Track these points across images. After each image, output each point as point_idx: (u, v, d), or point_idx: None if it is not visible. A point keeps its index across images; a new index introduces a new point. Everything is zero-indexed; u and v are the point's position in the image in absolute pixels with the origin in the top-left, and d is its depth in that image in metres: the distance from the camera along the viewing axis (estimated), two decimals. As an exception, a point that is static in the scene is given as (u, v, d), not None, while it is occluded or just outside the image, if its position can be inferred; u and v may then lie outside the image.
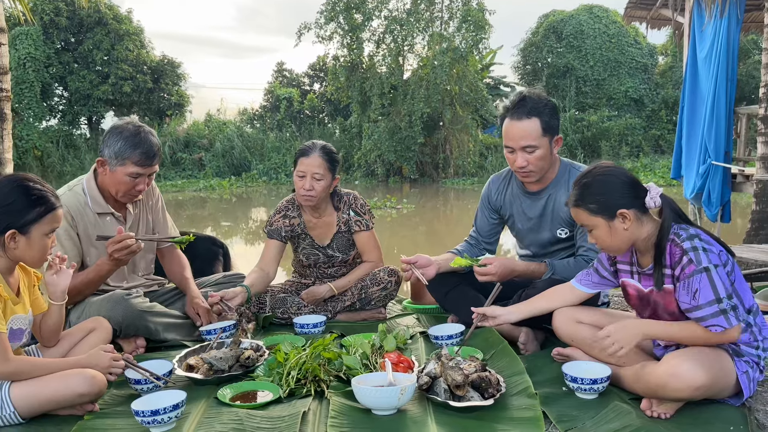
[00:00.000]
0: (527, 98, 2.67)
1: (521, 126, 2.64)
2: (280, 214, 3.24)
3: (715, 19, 5.91)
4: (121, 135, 2.74)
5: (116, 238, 2.57)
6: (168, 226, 3.12)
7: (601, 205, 2.05)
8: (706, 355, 1.93)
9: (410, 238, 10.72)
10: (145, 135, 2.76)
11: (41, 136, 20.13)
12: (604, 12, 23.03)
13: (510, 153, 2.72)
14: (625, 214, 2.03)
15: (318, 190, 3.03)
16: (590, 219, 2.08)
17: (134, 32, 22.25)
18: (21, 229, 2.03)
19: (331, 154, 3.09)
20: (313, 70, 26.86)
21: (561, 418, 1.99)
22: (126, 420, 2.01)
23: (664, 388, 1.89)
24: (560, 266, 2.74)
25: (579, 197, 2.09)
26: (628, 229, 2.04)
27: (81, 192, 2.82)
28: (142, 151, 2.72)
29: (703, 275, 1.90)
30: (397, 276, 3.20)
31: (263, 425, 1.95)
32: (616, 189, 2.05)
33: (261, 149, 22.40)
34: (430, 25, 19.75)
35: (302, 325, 2.94)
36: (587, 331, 2.29)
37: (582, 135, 20.96)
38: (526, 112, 2.64)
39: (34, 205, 2.04)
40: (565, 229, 2.81)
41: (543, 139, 2.65)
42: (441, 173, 19.97)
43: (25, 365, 2.03)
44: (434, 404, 2.08)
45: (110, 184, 2.79)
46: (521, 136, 2.65)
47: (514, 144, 2.68)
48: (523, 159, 2.67)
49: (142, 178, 2.77)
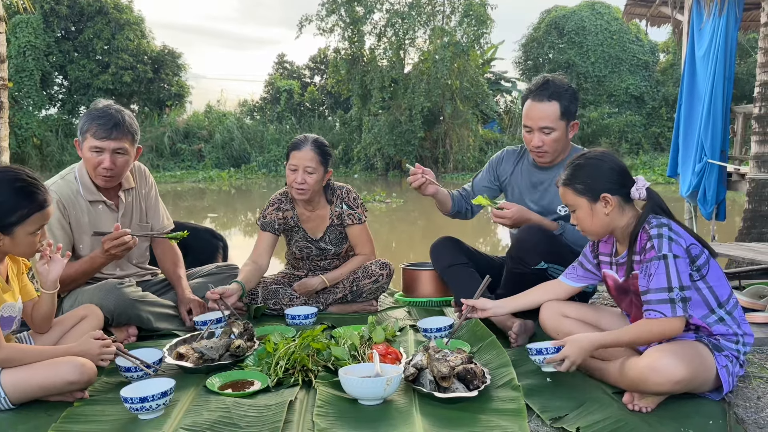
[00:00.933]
0: (550, 82, 2.79)
1: (541, 107, 2.77)
2: (274, 206, 3.26)
3: (713, 18, 5.90)
4: (88, 112, 2.76)
5: (113, 235, 2.57)
6: (161, 215, 3.10)
7: (587, 187, 2.12)
8: (686, 350, 1.95)
9: (408, 233, 10.74)
10: (107, 109, 2.73)
11: (40, 124, 20.14)
12: (606, 8, 22.98)
13: (527, 132, 2.85)
14: (607, 198, 2.09)
15: (310, 183, 3.05)
16: (575, 199, 2.15)
17: (135, 22, 22.22)
18: (4, 229, 2.02)
19: (323, 147, 3.10)
20: (314, 62, 26.82)
21: (544, 409, 2.02)
22: (115, 407, 2.04)
23: (645, 382, 1.92)
24: (571, 229, 2.77)
25: (568, 177, 2.18)
26: (608, 214, 2.11)
27: (73, 180, 2.82)
28: (99, 123, 2.69)
29: (661, 262, 1.96)
30: (389, 269, 3.22)
31: (250, 413, 1.98)
32: (604, 173, 2.12)
33: (261, 141, 22.39)
34: (432, 19, 19.72)
35: (293, 317, 2.97)
36: (573, 325, 2.33)
37: (582, 131, 20.94)
38: (548, 95, 2.76)
39: (19, 207, 2.02)
40: (565, 207, 2.83)
41: (560, 123, 2.77)
42: (441, 168, 19.97)
43: (16, 352, 2.05)
44: (420, 395, 2.11)
45: (86, 166, 2.78)
46: (540, 117, 2.77)
47: (532, 124, 2.80)
48: (539, 139, 2.79)
49: (106, 153, 2.71)
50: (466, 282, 2.90)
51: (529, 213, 2.84)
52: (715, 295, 2.04)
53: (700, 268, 2.02)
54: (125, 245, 2.60)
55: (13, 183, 2.03)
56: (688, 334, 2.07)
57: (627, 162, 18.62)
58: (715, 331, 2.04)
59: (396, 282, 3.51)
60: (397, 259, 3.99)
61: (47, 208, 2.10)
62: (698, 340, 2.03)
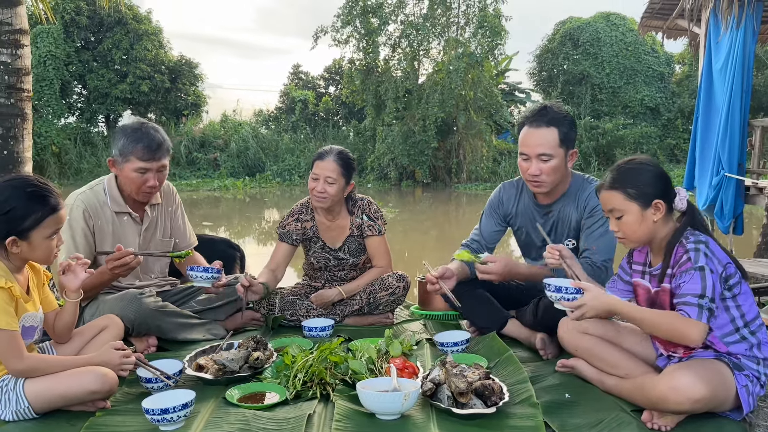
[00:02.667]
0: (548, 108, 2.70)
1: (539, 134, 2.67)
2: (293, 217, 3.30)
3: (731, 30, 5.89)
4: (124, 132, 2.81)
5: (114, 255, 2.60)
6: (187, 234, 3.19)
7: (640, 192, 2.08)
8: (706, 368, 1.95)
9: (421, 242, 10.74)
10: (146, 129, 2.81)
11: (59, 133, 20.40)
12: (621, 20, 22.92)
13: (524, 161, 2.73)
14: (659, 205, 2.07)
15: (330, 193, 3.10)
16: (624, 204, 2.10)
17: (153, 32, 22.50)
18: (20, 235, 2.06)
19: (346, 159, 3.14)
20: (329, 72, 26.99)
21: (563, 427, 2.01)
22: (136, 418, 2.06)
23: (665, 401, 1.92)
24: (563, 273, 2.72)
25: (618, 180, 2.11)
26: (657, 221, 2.08)
27: (101, 191, 2.88)
28: (144, 145, 2.77)
29: (696, 273, 1.95)
30: (406, 281, 3.23)
31: (269, 426, 2.00)
32: (656, 179, 2.10)
33: (275, 150, 22.52)
34: (446, 30, 19.78)
35: (310, 329, 2.98)
36: (592, 342, 2.32)
37: (597, 143, 20.86)
38: (546, 121, 2.67)
39: (32, 211, 2.05)
40: (572, 240, 2.83)
41: (559, 150, 2.67)
42: (454, 178, 19.96)
43: (39, 362, 2.09)
44: (437, 410, 2.11)
45: (124, 183, 2.85)
46: (538, 144, 2.67)
47: (529, 151, 2.69)
48: (537, 167, 2.68)
49: (150, 173, 2.80)
50: (474, 306, 2.89)
51: (516, 265, 2.76)
52: (742, 314, 2.03)
53: (732, 287, 2.01)
54: (127, 265, 2.62)
55: (24, 188, 2.07)
56: (707, 353, 2.06)
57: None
58: (733, 350, 2.03)
59: (410, 294, 3.52)
60: (410, 270, 4.00)
61: (60, 212, 2.13)
62: (718, 359, 2.02)
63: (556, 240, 2.81)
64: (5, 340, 1.99)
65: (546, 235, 2.55)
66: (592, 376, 2.31)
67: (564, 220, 2.83)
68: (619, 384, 2.18)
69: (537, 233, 2.83)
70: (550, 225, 2.85)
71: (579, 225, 2.80)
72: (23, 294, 2.12)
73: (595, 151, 20.72)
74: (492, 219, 3.03)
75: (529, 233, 2.95)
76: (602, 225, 2.70)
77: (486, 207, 3.07)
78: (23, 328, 2.10)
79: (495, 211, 3.03)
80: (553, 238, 2.82)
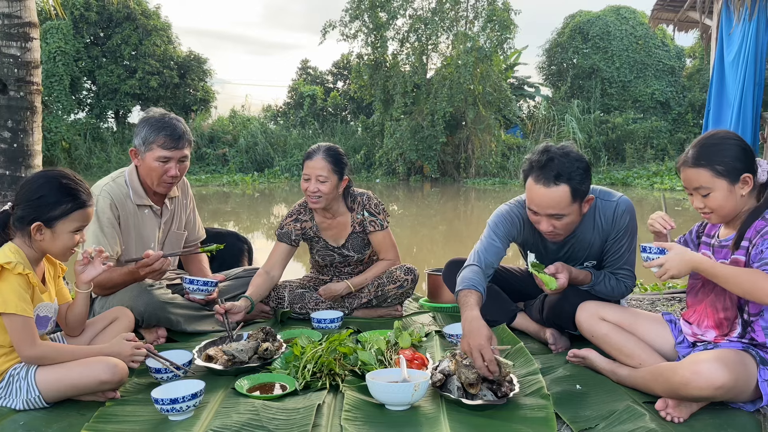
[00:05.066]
0: (555, 160, 2.32)
1: (548, 194, 2.33)
2: (292, 218, 3.28)
3: (743, 22, 5.82)
4: (147, 122, 2.83)
5: (145, 262, 2.63)
6: (196, 227, 3.23)
7: (728, 167, 2.02)
8: (730, 357, 1.93)
9: (429, 237, 10.72)
10: (169, 119, 2.84)
11: (69, 128, 20.50)
12: (632, 13, 22.73)
13: (534, 215, 2.44)
14: (747, 178, 2.03)
15: (324, 191, 3.06)
16: (712, 180, 2.04)
17: (162, 28, 22.54)
18: (47, 222, 2.09)
19: (335, 156, 3.09)
20: (337, 68, 26.95)
21: (574, 418, 2.00)
22: (146, 407, 2.07)
23: (686, 386, 1.89)
24: (600, 284, 2.61)
25: (703, 157, 2.05)
26: (744, 195, 2.04)
27: (123, 183, 2.89)
28: (167, 134, 2.79)
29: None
30: (414, 274, 3.22)
31: (279, 416, 1.99)
32: (740, 154, 2.04)
33: (284, 146, 22.54)
34: (455, 25, 19.68)
35: (319, 320, 2.98)
36: (608, 329, 2.32)
37: (606, 137, 20.71)
38: (554, 177, 2.31)
39: (62, 202, 2.10)
40: (592, 261, 2.68)
41: (572, 206, 2.37)
42: (462, 173, 19.90)
43: (51, 351, 2.10)
44: (447, 401, 2.10)
45: (145, 173, 2.86)
46: (548, 205, 2.35)
47: (539, 210, 2.39)
48: (548, 224, 2.41)
49: (172, 162, 2.82)
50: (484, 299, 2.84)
51: (570, 268, 2.54)
52: None
53: None
54: (158, 271, 2.66)
55: (59, 180, 2.12)
56: (736, 344, 2.05)
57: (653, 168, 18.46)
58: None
59: (419, 287, 3.51)
60: (419, 264, 3.98)
61: (88, 209, 2.17)
62: (745, 350, 2.01)
63: (571, 263, 2.63)
64: (19, 325, 2.02)
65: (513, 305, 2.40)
66: (604, 367, 2.30)
67: (582, 245, 2.63)
68: (633, 374, 2.17)
69: (547, 254, 2.68)
70: (564, 253, 2.67)
71: (602, 248, 2.63)
72: (39, 284, 2.14)
73: (605, 146, 20.59)
74: (497, 244, 2.60)
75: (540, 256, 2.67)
76: (628, 247, 2.59)
77: (488, 232, 2.65)
78: (37, 317, 2.13)
79: (499, 235, 2.62)
80: (566, 261, 2.63)
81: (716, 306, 2.15)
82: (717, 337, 2.14)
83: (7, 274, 2.02)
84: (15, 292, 2.01)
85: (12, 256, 2.05)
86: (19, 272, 2.03)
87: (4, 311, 2.00)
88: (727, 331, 2.11)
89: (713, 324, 2.16)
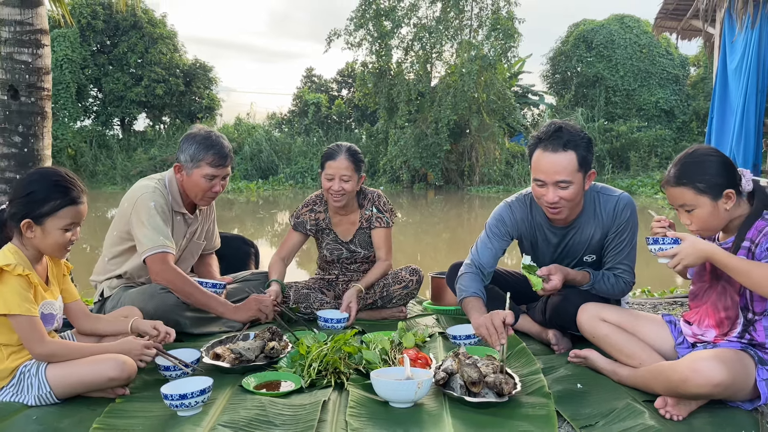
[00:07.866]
0: (563, 129, 2.47)
1: (557, 159, 2.44)
2: (307, 207, 3.35)
3: (746, 30, 5.86)
4: (194, 139, 2.91)
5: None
6: (214, 237, 3.32)
7: (708, 184, 2.05)
8: (729, 355, 1.97)
9: (433, 245, 10.76)
10: (216, 137, 2.93)
11: (75, 135, 20.64)
12: (635, 22, 22.80)
13: (540, 186, 2.51)
14: (730, 194, 2.06)
15: (347, 190, 3.15)
16: (695, 198, 2.07)
17: (168, 36, 22.72)
18: (36, 219, 2.10)
19: (356, 155, 3.19)
20: (342, 76, 27.08)
21: (575, 416, 2.03)
22: (155, 404, 2.11)
23: (685, 384, 1.92)
24: (599, 282, 2.66)
25: (684, 176, 2.08)
26: (729, 209, 2.08)
27: (163, 188, 2.95)
28: (215, 152, 2.88)
29: None
30: (419, 275, 3.27)
31: (285, 412, 2.03)
32: (722, 169, 2.08)
33: (288, 153, 22.64)
34: (459, 33, 19.79)
35: (326, 319, 3.03)
36: (609, 330, 2.35)
37: (611, 145, 20.74)
38: (562, 144, 2.43)
39: (51, 198, 2.10)
40: (592, 255, 2.72)
41: (578, 175, 2.47)
42: (466, 180, 19.95)
43: (60, 348, 2.14)
44: (450, 399, 2.14)
45: (189, 188, 2.94)
46: (556, 171, 2.44)
47: (546, 178, 2.47)
48: (555, 194, 2.47)
49: (217, 179, 2.92)
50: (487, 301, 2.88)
51: (568, 272, 2.59)
52: None
53: None
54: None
55: (50, 177, 2.14)
56: (735, 344, 2.09)
57: (657, 176, 18.44)
58: None
59: (423, 291, 3.55)
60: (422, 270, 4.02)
61: (80, 206, 2.17)
62: (744, 350, 2.04)
63: (571, 256, 2.72)
64: (26, 325, 2.06)
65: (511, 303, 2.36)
66: (604, 367, 2.34)
67: (582, 238, 2.69)
68: (634, 373, 2.20)
69: (548, 247, 2.75)
70: (566, 243, 2.72)
71: (602, 242, 2.68)
72: (41, 283, 2.18)
73: (609, 154, 20.61)
74: (494, 244, 2.72)
75: (542, 249, 2.78)
76: (629, 242, 2.64)
77: (486, 232, 2.77)
78: (42, 315, 2.16)
79: (498, 234, 2.73)
80: (570, 255, 2.72)
81: (718, 305, 2.19)
82: (717, 336, 2.17)
83: (7, 276, 2.04)
84: (16, 293, 2.04)
85: (11, 257, 2.07)
86: (18, 273, 2.05)
87: (8, 313, 2.03)
88: (727, 331, 2.15)
89: (714, 323, 2.20)
